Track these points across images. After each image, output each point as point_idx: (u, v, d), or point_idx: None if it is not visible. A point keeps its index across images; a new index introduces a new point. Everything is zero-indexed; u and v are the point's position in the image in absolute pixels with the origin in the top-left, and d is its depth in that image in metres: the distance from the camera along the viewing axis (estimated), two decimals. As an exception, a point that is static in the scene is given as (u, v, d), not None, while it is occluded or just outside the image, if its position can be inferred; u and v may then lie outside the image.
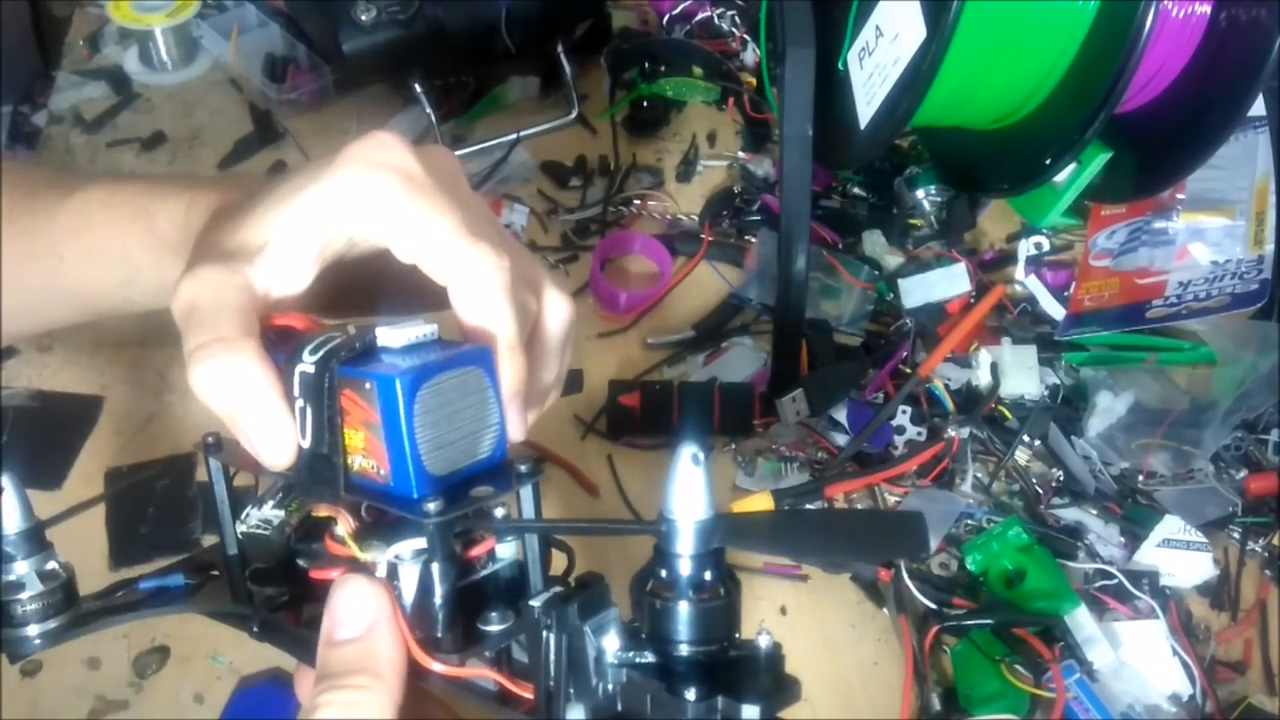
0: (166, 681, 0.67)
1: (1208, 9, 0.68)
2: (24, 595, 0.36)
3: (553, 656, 0.33)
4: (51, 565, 0.36)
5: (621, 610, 0.34)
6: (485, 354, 0.36)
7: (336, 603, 0.35)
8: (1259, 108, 0.77)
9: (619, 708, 0.33)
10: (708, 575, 0.32)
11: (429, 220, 0.38)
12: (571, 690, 0.33)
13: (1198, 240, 0.82)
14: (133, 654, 0.68)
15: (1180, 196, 0.81)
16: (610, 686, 0.33)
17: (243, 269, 0.38)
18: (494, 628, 0.35)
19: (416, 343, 0.36)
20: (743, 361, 0.84)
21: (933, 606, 0.69)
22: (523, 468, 0.36)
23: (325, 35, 0.94)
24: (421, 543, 0.35)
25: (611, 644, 0.33)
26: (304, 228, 0.39)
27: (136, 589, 0.40)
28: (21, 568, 0.36)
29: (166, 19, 1.09)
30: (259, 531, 0.40)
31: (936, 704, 0.66)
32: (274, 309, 0.39)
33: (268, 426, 0.36)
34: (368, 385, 0.34)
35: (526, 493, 0.36)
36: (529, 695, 0.34)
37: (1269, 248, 0.80)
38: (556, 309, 0.43)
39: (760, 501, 0.74)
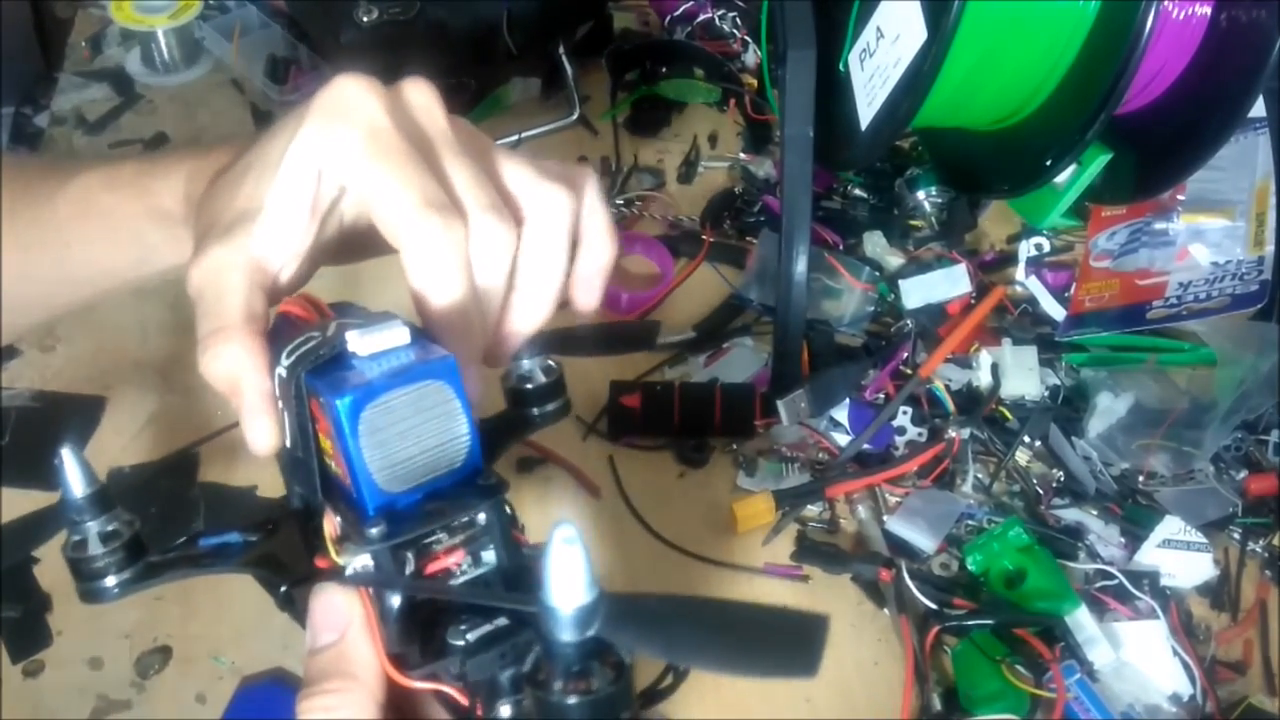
0: (169, 681, 0.67)
1: (1208, 10, 0.68)
2: (94, 552, 0.37)
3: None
4: (114, 525, 0.38)
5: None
6: (449, 365, 0.34)
7: (313, 612, 0.35)
8: (1259, 109, 0.77)
9: None
10: (587, 664, 0.29)
11: (383, 186, 0.37)
12: None
13: (1198, 241, 0.82)
14: (135, 654, 0.68)
15: (1180, 198, 0.81)
16: None
17: (244, 242, 0.38)
18: (459, 641, 0.34)
19: (384, 350, 0.35)
20: (744, 362, 0.84)
21: (933, 606, 0.69)
22: (483, 483, 0.35)
23: (327, 36, 0.95)
24: None
25: (505, 711, 0.32)
26: (289, 187, 0.38)
27: (197, 545, 0.41)
28: (90, 528, 0.37)
29: (168, 20, 1.09)
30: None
31: (937, 704, 0.66)
32: (282, 281, 0.39)
33: (251, 417, 0.37)
34: (321, 401, 0.33)
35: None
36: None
37: (1269, 249, 0.80)
38: (596, 212, 0.43)
39: (761, 502, 0.74)
